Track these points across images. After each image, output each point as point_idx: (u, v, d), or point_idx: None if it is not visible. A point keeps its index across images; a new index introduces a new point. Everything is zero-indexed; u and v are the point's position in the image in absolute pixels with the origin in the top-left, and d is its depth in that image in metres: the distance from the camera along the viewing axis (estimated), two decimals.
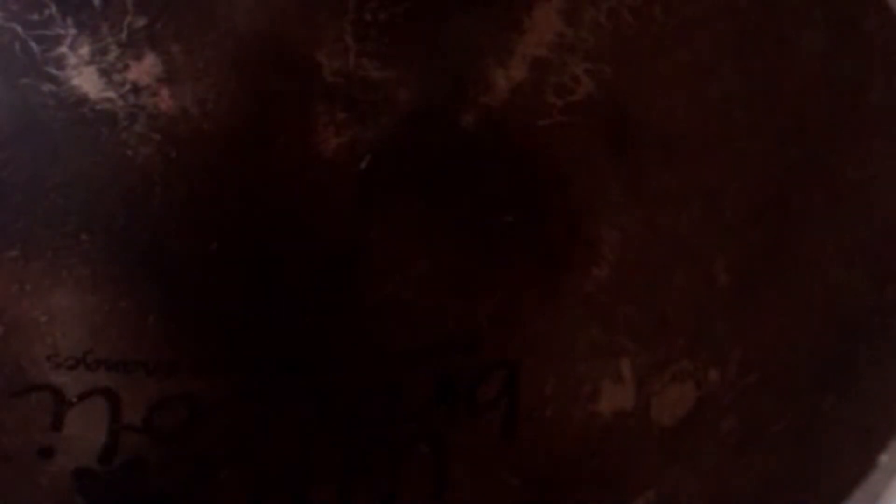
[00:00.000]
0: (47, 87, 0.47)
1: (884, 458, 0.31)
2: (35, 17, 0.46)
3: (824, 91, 0.41)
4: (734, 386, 0.41)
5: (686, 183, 0.45)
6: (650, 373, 0.45)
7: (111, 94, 0.48)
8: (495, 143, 0.50)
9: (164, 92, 0.49)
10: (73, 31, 0.47)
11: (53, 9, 0.46)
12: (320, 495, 0.46)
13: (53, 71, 0.47)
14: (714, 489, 0.40)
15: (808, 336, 0.40)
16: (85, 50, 0.47)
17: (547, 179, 0.49)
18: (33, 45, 0.46)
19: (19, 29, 0.46)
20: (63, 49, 0.47)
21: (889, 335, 0.36)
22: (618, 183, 0.47)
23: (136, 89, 0.48)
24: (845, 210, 0.40)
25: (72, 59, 0.47)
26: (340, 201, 0.50)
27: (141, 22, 0.47)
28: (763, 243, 0.43)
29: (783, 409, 0.39)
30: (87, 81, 0.48)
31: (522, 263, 0.49)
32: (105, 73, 0.48)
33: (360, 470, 0.47)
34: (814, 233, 0.41)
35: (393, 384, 0.48)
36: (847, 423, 0.36)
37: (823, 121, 0.41)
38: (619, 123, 0.47)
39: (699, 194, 0.45)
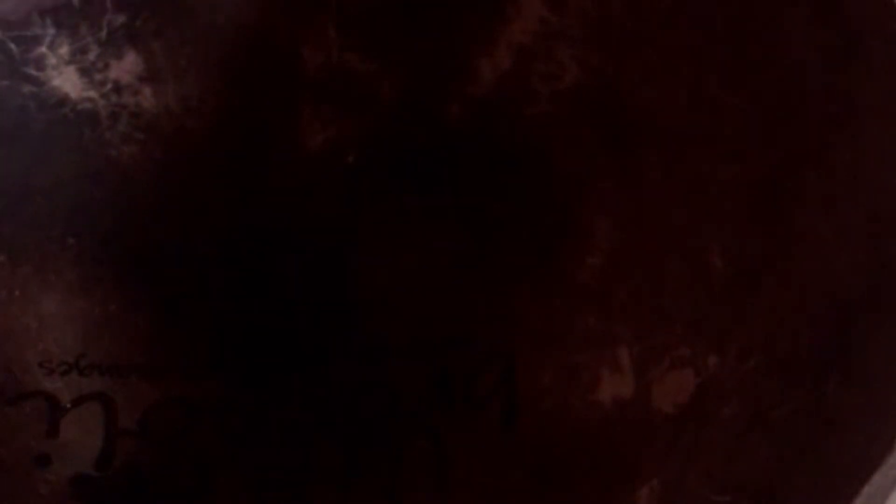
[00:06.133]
0: (27, 88, 0.46)
1: None
2: (13, 17, 0.45)
3: (814, 73, 0.41)
4: (735, 371, 0.41)
5: (676, 169, 0.45)
6: (648, 360, 0.45)
7: (92, 93, 0.47)
8: (482, 133, 0.49)
9: (147, 90, 0.48)
10: (51, 31, 0.46)
11: None
12: (321, 495, 0.46)
13: (33, 72, 0.46)
14: (720, 476, 0.40)
15: (808, 319, 0.40)
16: (64, 50, 0.46)
17: (536, 169, 0.49)
18: (12, 45, 0.45)
19: None
20: (42, 49, 0.46)
21: (892, 316, 0.36)
22: (608, 170, 0.47)
23: (117, 88, 0.48)
24: (839, 190, 0.40)
25: (51, 60, 0.46)
26: (328, 196, 0.50)
27: (120, 20, 0.47)
28: (757, 227, 0.43)
29: (786, 393, 0.39)
30: (67, 82, 0.47)
31: (515, 254, 0.49)
32: (86, 72, 0.47)
33: (359, 468, 0.47)
34: (808, 214, 0.41)
35: (389, 380, 0.48)
36: (856, 406, 0.36)
37: (813, 102, 0.41)
38: (607, 110, 0.47)
39: (690, 180, 0.45)
